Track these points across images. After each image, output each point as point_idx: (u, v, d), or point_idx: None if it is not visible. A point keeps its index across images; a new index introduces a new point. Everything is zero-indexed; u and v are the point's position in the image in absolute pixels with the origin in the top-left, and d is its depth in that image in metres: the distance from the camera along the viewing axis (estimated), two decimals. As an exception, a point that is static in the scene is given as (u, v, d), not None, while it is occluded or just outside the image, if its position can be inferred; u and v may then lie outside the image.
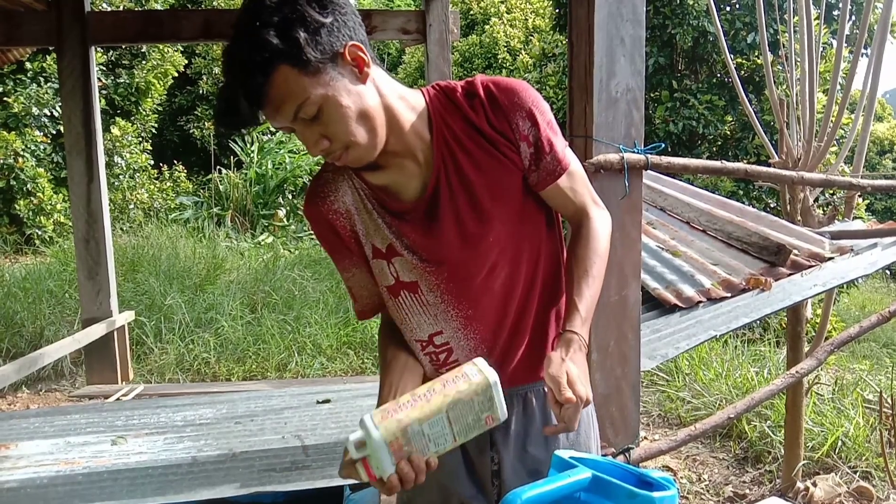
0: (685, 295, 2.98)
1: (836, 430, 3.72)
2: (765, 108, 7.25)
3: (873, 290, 10.96)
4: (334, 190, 1.22)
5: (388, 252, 1.20)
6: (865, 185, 2.78)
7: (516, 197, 1.19)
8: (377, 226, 1.20)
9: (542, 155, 1.17)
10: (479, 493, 1.27)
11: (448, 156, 1.16)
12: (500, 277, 1.19)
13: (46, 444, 2.21)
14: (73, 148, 4.47)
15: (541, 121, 1.16)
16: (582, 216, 1.25)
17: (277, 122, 1.05)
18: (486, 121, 1.16)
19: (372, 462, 1.02)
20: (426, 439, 1.03)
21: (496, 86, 1.16)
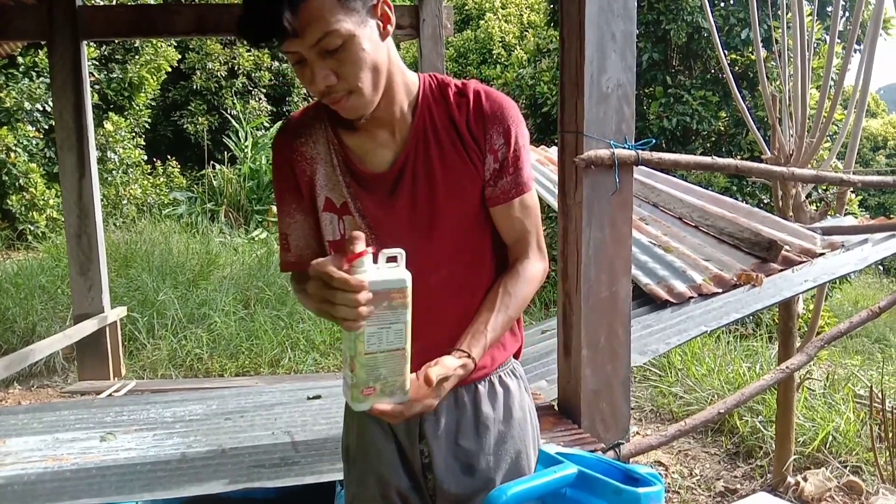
0: (677, 290, 2.99)
1: (827, 426, 3.74)
2: (758, 104, 7.25)
3: (866, 286, 11.00)
4: (309, 134, 1.24)
5: (342, 209, 1.22)
6: (856, 181, 2.78)
7: (472, 203, 1.21)
8: (337, 182, 1.22)
9: (503, 173, 1.20)
10: (415, 487, 1.28)
11: (422, 142, 1.19)
12: (437, 275, 1.21)
13: (35, 441, 2.20)
14: (64, 143, 4.44)
15: (514, 142, 1.19)
16: (521, 252, 1.27)
17: (295, 45, 1.04)
18: (466, 122, 1.19)
19: None
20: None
21: (486, 95, 1.20)
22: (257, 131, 11.62)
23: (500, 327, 1.21)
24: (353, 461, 1.34)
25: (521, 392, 1.33)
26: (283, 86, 12.93)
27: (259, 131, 11.66)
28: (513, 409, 1.29)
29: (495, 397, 1.28)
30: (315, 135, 1.24)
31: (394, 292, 1.04)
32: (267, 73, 12.54)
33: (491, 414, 1.27)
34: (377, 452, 1.29)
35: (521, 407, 1.31)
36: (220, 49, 12.05)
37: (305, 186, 1.25)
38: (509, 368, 1.32)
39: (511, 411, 1.29)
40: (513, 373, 1.33)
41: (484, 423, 1.26)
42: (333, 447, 2.13)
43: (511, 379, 1.31)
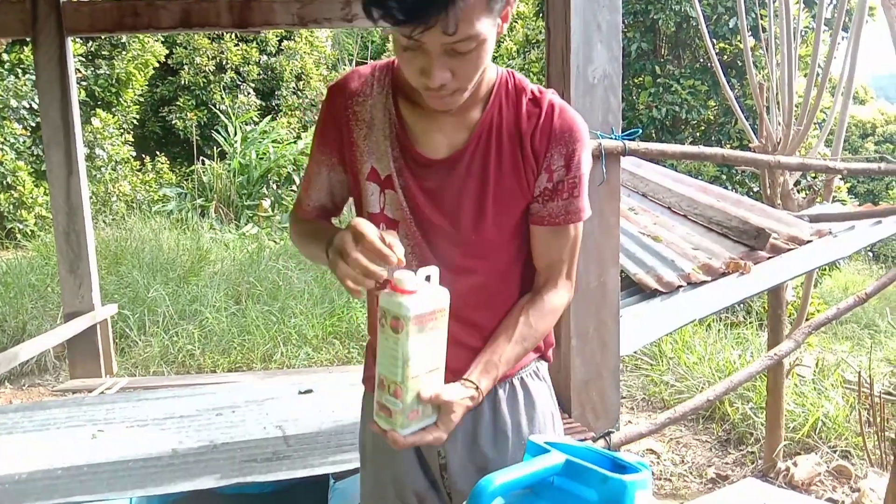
0: (666, 280, 3.00)
1: (817, 411, 3.77)
2: (746, 93, 7.27)
3: (856, 272, 11.09)
4: (369, 95, 1.18)
5: (386, 181, 1.17)
6: (841, 169, 2.80)
7: (516, 215, 1.17)
8: (386, 153, 1.16)
9: (556, 196, 1.15)
10: (432, 486, 1.26)
11: (484, 140, 1.14)
12: (469, 278, 1.17)
13: (25, 439, 2.19)
14: (51, 140, 4.41)
15: (574, 168, 1.14)
16: (550, 278, 1.21)
17: (431, 38, 0.97)
18: (531, 134, 1.13)
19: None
20: None
21: (560, 111, 1.14)
22: (246, 126, 11.56)
23: (514, 359, 1.17)
24: (370, 458, 1.32)
25: (544, 394, 1.28)
26: (272, 80, 12.86)
27: (248, 126, 11.60)
28: (534, 415, 1.25)
29: (516, 402, 1.24)
30: (374, 99, 1.18)
31: (437, 312, 1.03)
32: (255, 67, 12.47)
33: (510, 420, 1.23)
34: (393, 452, 1.23)
35: (542, 411, 1.26)
36: (207, 44, 11.97)
37: (348, 148, 1.19)
38: (532, 370, 1.27)
39: (532, 417, 1.25)
40: (536, 374, 1.28)
41: (502, 429, 1.22)
42: (325, 441, 2.14)
43: (533, 381, 1.27)
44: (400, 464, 1.26)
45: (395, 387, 1.02)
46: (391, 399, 1.03)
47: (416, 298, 1.00)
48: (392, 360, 1.01)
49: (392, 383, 1.02)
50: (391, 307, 1.00)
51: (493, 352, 1.15)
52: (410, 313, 0.98)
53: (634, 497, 1.00)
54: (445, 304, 1.04)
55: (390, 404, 1.03)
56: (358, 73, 1.21)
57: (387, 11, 0.94)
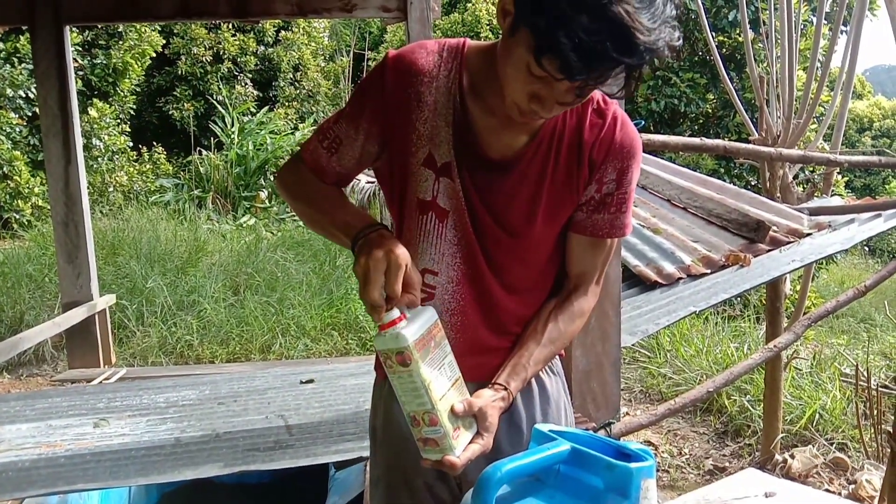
0: (666, 272, 3.01)
1: (814, 404, 3.79)
2: (746, 86, 7.27)
3: (852, 266, 11.12)
4: (435, 77, 1.11)
5: (443, 169, 1.12)
6: (842, 161, 2.80)
7: (562, 224, 1.17)
8: (446, 141, 1.11)
9: (603, 209, 1.15)
10: (441, 477, 1.25)
11: (545, 146, 1.12)
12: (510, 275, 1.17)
13: (27, 428, 2.20)
14: (49, 130, 4.40)
15: (626, 183, 1.14)
16: (581, 285, 1.21)
17: (570, 89, 0.94)
18: (591, 145, 1.12)
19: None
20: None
21: (623, 126, 1.12)
22: (243, 117, 11.52)
23: (542, 362, 1.18)
24: (381, 444, 1.32)
25: (558, 389, 1.29)
26: (269, 70, 12.81)
27: (245, 117, 11.57)
28: (548, 410, 1.25)
29: (530, 397, 1.24)
30: (440, 82, 1.11)
31: (433, 328, 1.03)
32: (252, 57, 12.41)
33: (524, 414, 1.22)
34: (404, 441, 1.24)
35: (556, 406, 1.27)
36: (204, 34, 11.91)
37: (402, 128, 1.12)
38: (547, 365, 1.27)
39: (546, 412, 1.25)
40: (550, 369, 1.28)
41: (517, 423, 1.22)
42: (327, 430, 2.15)
43: (548, 376, 1.27)
44: (412, 451, 1.22)
45: (430, 416, 1.02)
46: (431, 429, 1.03)
47: (409, 325, 0.99)
48: (414, 393, 1.01)
49: (425, 414, 1.02)
50: (390, 344, 0.99)
51: (521, 354, 1.15)
52: (410, 342, 0.98)
53: (640, 484, 1.01)
54: (435, 317, 1.04)
55: (432, 434, 1.03)
56: (426, 48, 1.13)
57: (564, 62, 0.89)
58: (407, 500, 1.28)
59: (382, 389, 1.30)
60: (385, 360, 1.01)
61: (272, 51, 12.70)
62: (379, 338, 1.00)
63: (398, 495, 1.29)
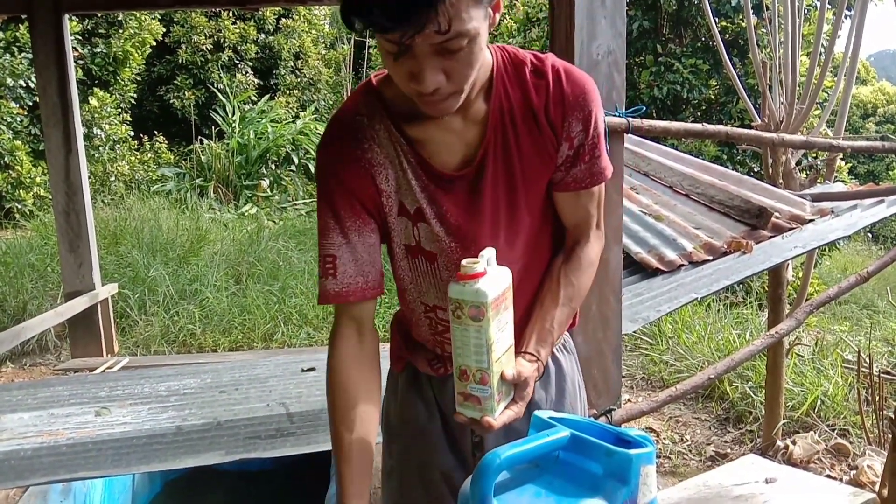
0: (667, 258, 3.00)
1: (816, 390, 3.79)
2: (749, 72, 7.22)
3: (855, 253, 11.08)
4: (371, 137, 1.08)
5: (416, 215, 1.11)
6: (846, 147, 2.78)
7: (544, 193, 1.14)
8: (409, 186, 1.09)
9: (578, 161, 1.11)
10: (460, 465, 1.25)
11: (500, 131, 1.08)
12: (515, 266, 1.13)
13: (30, 416, 2.20)
14: (49, 119, 4.39)
15: (592, 129, 1.09)
16: (581, 234, 1.19)
17: (422, 40, 0.89)
18: (544, 108, 1.07)
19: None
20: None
21: (567, 75, 1.08)
22: (245, 105, 11.48)
23: (566, 320, 1.16)
24: (395, 436, 1.31)
25: (573, 367, 1.29)
26: (270, 58, 12.76)
27: (246, 105, 11.53)
28: (565, 388, 1.25)
29: (548, 377, 1.24)
30: (378, 136, 1.08)
31: (507, 291, 1.02)
32: (253, 45, 12.35)
33: (543, 395, 1.23)
34: (420, 432, 1.25)
35: (572, 384, 1.27)
36: (205, 22, 11.85)
37: (371, 200, 1.10)
38: (561, 343, 1.27)
39: (563, 390, 1.25)
40: (564, 347, 1.28)
41: (536, 403, 1.21)
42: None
43: (562, 354, 1.27)
44: (429, 443, 1.25)
45: (482, 374, 1.01)
46: (478, 387, 1.02)
47: (489, 282, 0.98)
48: (477, 348, 1.00)
49: (478, 371, 1.01)
50: (468, 296, 0.97)
51: (543, 318, 1.13)
52: (489, 299, 0.97)
53: (639, 471, 1.01)
54: (510, 281, 1.03)
55: (478, 392, 1.02)
56: (345, 115, 1.10)
57: (371, 19, 0.86)
58: (422, 492, 1.27)
59: (399, 380, 1.29)
60: (455, 310, 0.99)
61: (273, 39, 12.63)
62: (456, 286, 0.98)
63: (413, 487, 1.28)
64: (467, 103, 1.05)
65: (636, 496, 1.01)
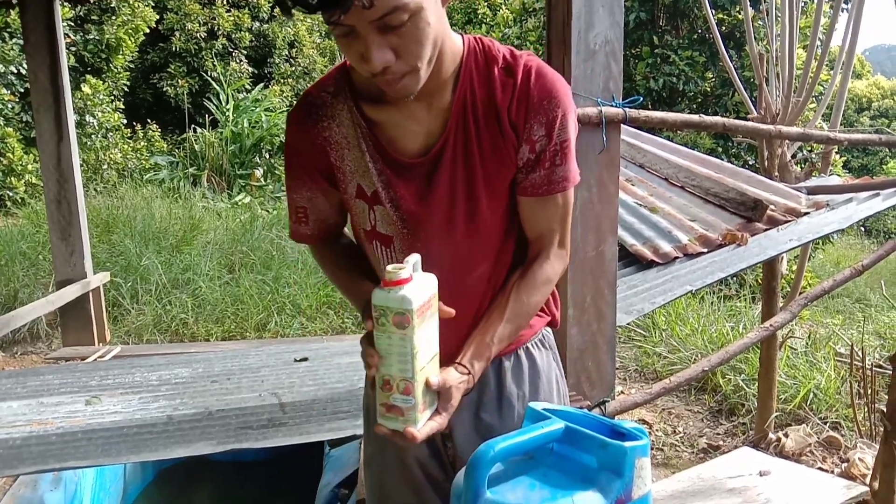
0: (662, 251, 2.99)
1: (808, 383, 3.80)
2: (745, 64, 7.21)
3: (847, 247, 11.13)
4: (332, 116, 1.11)
5: (373, 198, 1.11)
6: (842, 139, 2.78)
7: (507, 193, 1.11)
8: (367, 168, 1.10)
9: (538, 167, 1.08)
10: (434, 455, 1.25)
11: (462, 122, 1.06)
12: (477, 270, 1.14)
13: (19, 405, 2.18)
14: (40, 105, 4.34)
15: (556, 135, 1.06)
16: (542, 249, 1.15)
17: (355, 18, 0.89)
18: (508, 107, 1.05)
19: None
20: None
21: (537, 77, 1.05)
22: (238, 94, 11.42)
23: (508, 337, 1.14)
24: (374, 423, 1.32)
25: (549, 363, 1.28)
26: (265, 47, 12.68)
27: (240, 94, 11.46)
28: (538, 384, 1.24)
29: (520, 373, 1.23)
30: (339, 115, 1.10)
31: (432, 298, 1.00)
32: (247, 34, 12.27)
33: (515, 391, 1.22)
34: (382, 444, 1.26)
35: (547, 380, 1.26)
36: (198, 9, 11.76)
37: (328, 173, 1.14)
38: (538, 339, 1.26)
39: (536, 387, 1.24)
40: (541, 343, 1.27)
41: (508, 398, 1.21)
42: (321, 408, 2.14)
43: (538, 350, 1.26)
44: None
45: (406, 384, 0.99)
46: (402, 398, 1.00)
47: (415, 288, 0.96)
48: (401, 357, 0.98)
49: (402, 381, 0.99)
50: (393, 303, 0.96)
51: (484, 332, 1.11)
52: (414, 306, 0.95)
53: (634, 463, 1.00)
54: (436, 288, 1.02)
55: (401, 402, 1.01)
56: (312, 93, 1.14)
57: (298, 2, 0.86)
58: (399, 478, 1.28)
59: None
60: (379, 317, 0.97)
61: (267, 27, 12.55)
62: (381, 292, 0.96)
63: (391, 473, 1.28)
64: (432, 90, 1.04)
65: (631, 488, 1.00)
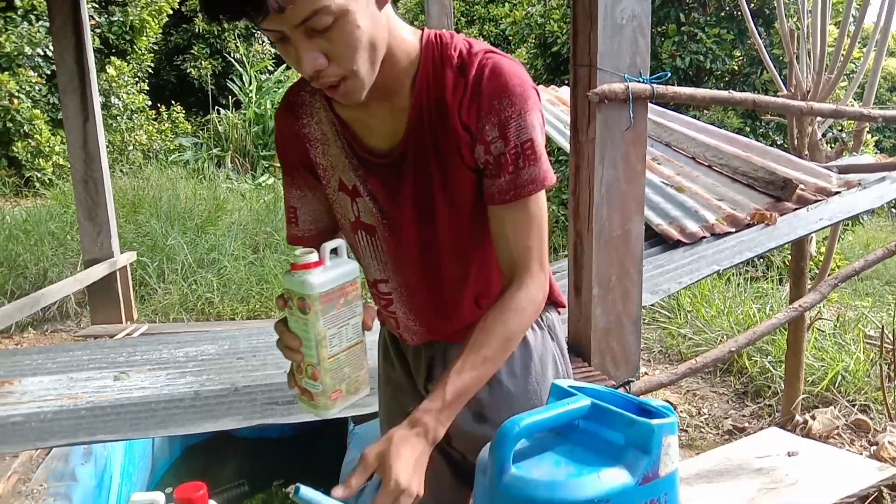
0: (689, 230, 2.95)
1: (837, 366, 3.75)
2: (774, 42, 7.06)
3: (878, 229, 10.90)
4: (311, 114, 1.12)
5: (354, 191, 1.12)
6: (877, 116, 2.71)
7: (471, 196, 1.07)
8: (345, 164, 1.11)
9: (501, 171, 1.02)
10: None
11: (419, 122, 1.04)
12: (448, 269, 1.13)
13: (49, 380, 2.22)
14: (66, 87, 4.38)
15: (514, 136, 1.00)
16: (516, 274, 1.06)
17: (275, 23, 0.87)
18: (458, 109, 1.01)
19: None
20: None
21: (490, 75, 0.99)
22: (261, 75, 11.43)
23: (477, 384, 1.04)
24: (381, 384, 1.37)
25: (544, 343, 1.25)
26: (287, 28, 12.66)
27: (263, 75, 11.47)
28: (529, 364, 1.23)
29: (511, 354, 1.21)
30: (318, 113, 1.12)
31: (348, 286, 0.99)
32: (270, 15, 12.24)
33: (505, 369, 1.20)
34: (397, 385, 1.31)
35: (540, 360, 1.24)
36: (221, -10, 11.75)
37: (312, 168, 1.16)
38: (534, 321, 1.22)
39: (528, 367, 1.22)
40: (536, 324, 1.24)
41: (497, 376, 1.19)
42: (345, 386, 2.15)
43: (531, 330, 1.23)
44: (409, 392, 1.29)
45: (313, 369, 0.98)
46: (310, 382, 0.99)
47: (321, 275, 0.95)
48: (306, 342, 0.97)
49: (309, 366, 0.98)
50: (295, 287, 0.96)
51: (444, 386, 1.02)
52: (315, 291, 0.94)
53: (662, 441, 0.99)
54: (355, 276, 1.00)
55: (310, 387, 1.00)
56: (291, 94, 1.15)
57: (207, 12, 0.86)
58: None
59: (383, 332, 1.33)
60: (288, 300, 0.98)
61: (290, 7, 12.52)
62: (287, 276, 0.96)
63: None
64: (392, 90, 1.03)
65: (658, 466, 0.99)
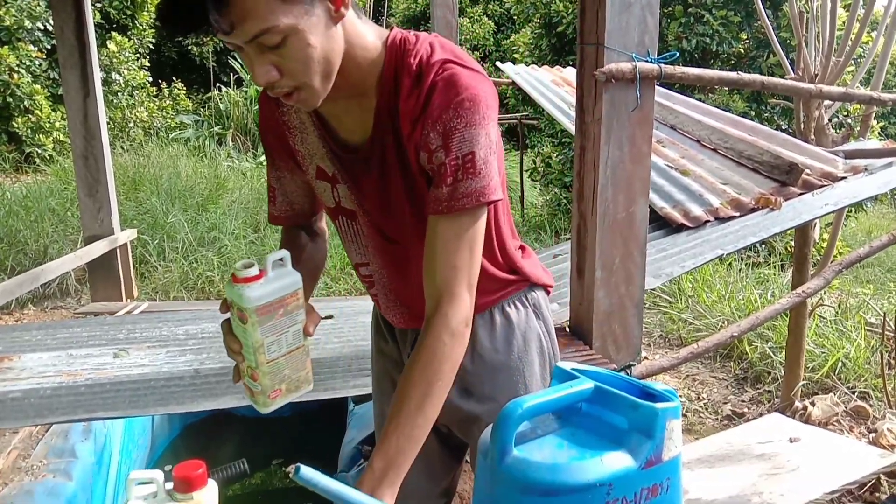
0: (693, 214, 2.93)
1: (837, 352, 3.74)
2: (781, 25, 6.98)
3: (880, 216, 10.87)
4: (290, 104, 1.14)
5: (333, 178, 1.16)
6: (886, 100, 2.67)
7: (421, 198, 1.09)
8: (323, 153, 1.15)
9: (440, 183, 1.02)
10: None
11: (380, 127, 1.08)
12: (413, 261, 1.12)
13: (48, 357, 2.22)
14: (66, 61, 4.33)
15: (455, 149, 0.99)
16: (439, 302, 1.01)
17: (229, 39, 0.91)
18: (409, 116, 1.03)
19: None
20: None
21: (445, 87, 1.00)
22: (263, 53, 11.34)
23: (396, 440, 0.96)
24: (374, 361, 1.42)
25: (528, 321, 1.27)
26: (290, 6, 12.55)
27: (265, 53, 11.38)
28: (512, 340, 1.25)
29: (493, 329, 1.24)
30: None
31: (288, 297, 1.01)
32: (272, -9, 12.14)
33: (487, 344, 1.24)
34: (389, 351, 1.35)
35: (523, 337, 1.26)
36: (223, -34, 11.64)
37: (293, 153, 1.19)
38: (516, 299, 1.26)
39: (510, 342, 1.25)
40: (519, 302, 1.26)
41: (479, 352, 1.23)
42: (346, 365, 2.14)
43: (514, 308, 1.25)
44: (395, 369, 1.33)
45: (252, 371, 1.03)
46: (251, 382, 1.05)
47: (258, 288, 0.98)
48: (246, 346, 1.02)
49: (248, 368, 1.03)
50: (234, 299, 0.99)
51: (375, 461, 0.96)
52: (252, 305, 0.98)
53: (665, 425, 0.98)
54: (297, 287, 1.02)
55: (251, 386, 1.06)
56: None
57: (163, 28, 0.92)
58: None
59: (375, 310, 1.37)
60: (231, 305, 1.02)
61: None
62: (228, 286, 1.00)
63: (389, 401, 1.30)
64: (360, 92, 1.06)
65: (661, 450, 0.98)
